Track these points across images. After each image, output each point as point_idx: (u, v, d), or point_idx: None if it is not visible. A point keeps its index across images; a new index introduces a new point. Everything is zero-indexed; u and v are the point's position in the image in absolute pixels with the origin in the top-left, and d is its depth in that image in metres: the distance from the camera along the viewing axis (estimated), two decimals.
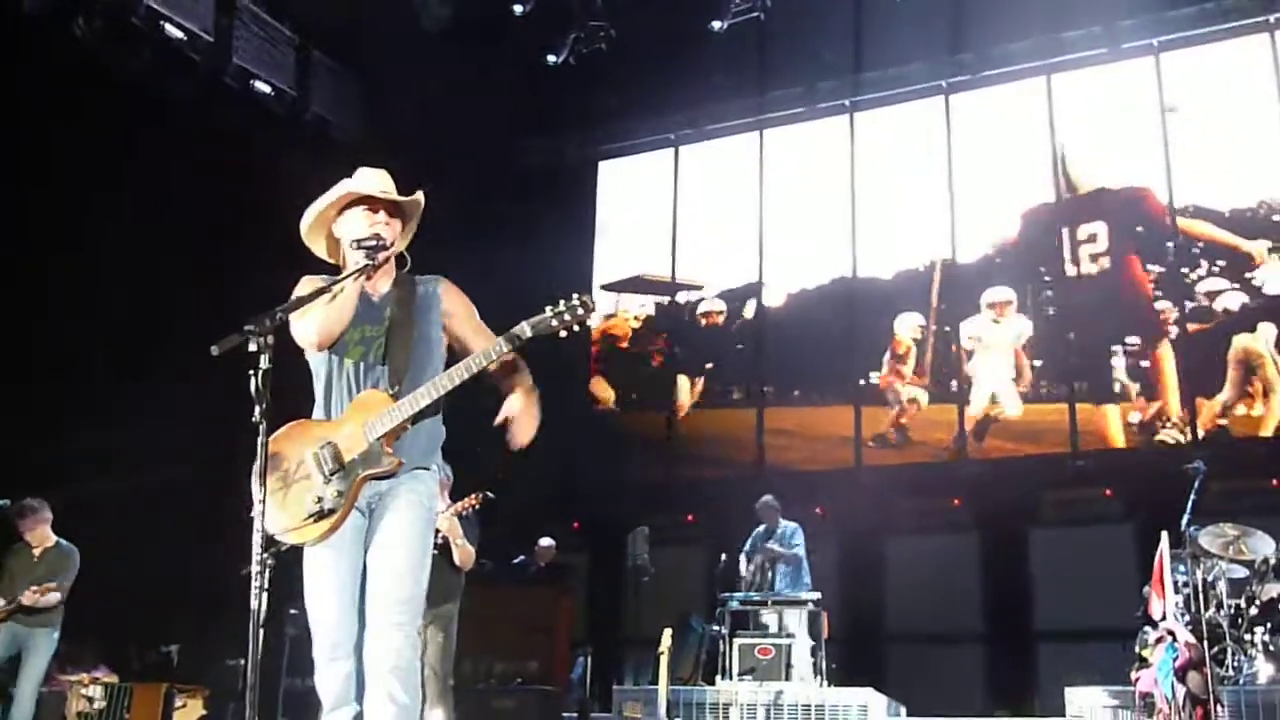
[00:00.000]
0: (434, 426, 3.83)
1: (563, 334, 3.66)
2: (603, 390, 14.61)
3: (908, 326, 13.19)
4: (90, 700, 9.32)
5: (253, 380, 3.16)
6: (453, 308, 3.91)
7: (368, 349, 3.74)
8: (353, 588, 3.66)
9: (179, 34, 11.64)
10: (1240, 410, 11.37)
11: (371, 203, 3.79)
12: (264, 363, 3.16)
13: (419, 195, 3.88)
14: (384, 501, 3.69)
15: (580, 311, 3.63)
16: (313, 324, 3.64)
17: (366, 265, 3.65)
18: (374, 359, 3.73)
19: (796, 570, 10.18)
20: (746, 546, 10.36)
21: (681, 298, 14.66)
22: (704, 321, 14.47)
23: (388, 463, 3.59)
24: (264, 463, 3.28)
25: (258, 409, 3.15)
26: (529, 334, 3.62)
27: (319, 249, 3.94)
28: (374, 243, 3.69)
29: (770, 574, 10.22)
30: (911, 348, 13.11)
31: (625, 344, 14.84)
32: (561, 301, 3.65)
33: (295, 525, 3.55)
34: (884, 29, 12.62)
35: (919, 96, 13.62)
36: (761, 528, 10.40)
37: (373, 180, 3.83)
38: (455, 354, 3.86)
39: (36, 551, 8.09)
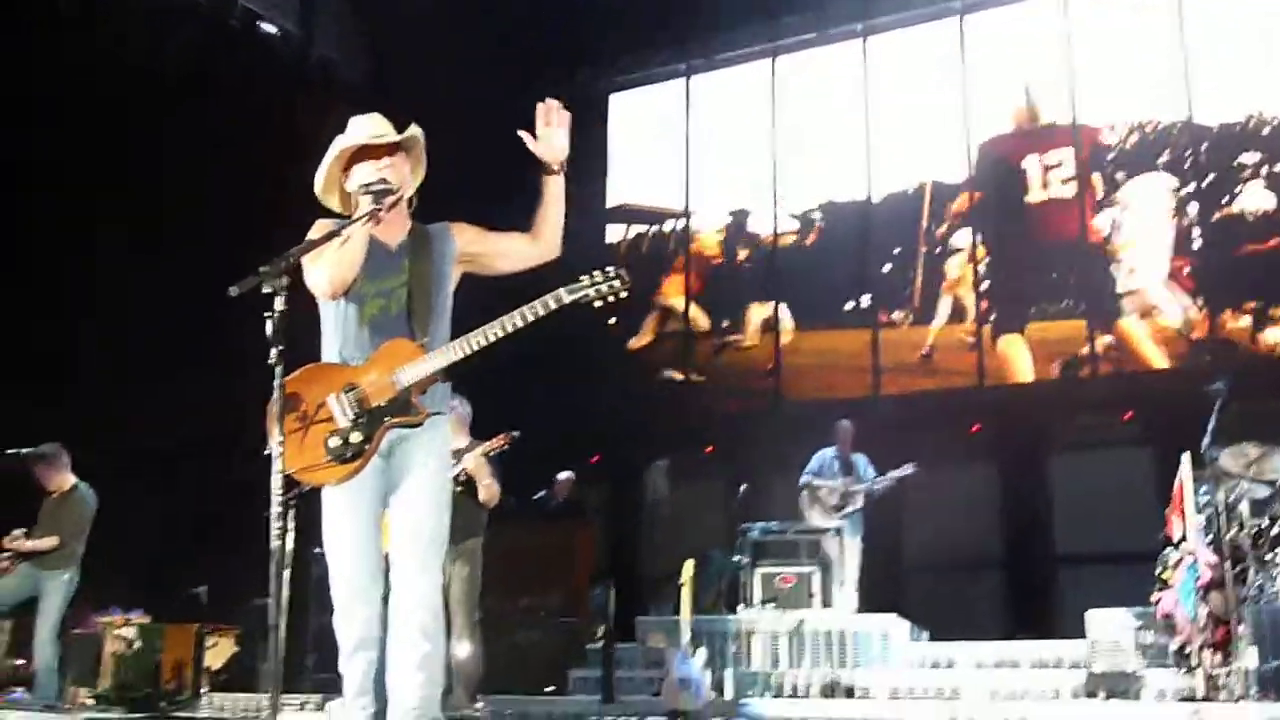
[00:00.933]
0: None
1: (597, 304, 3.71)
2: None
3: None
4: (125, 641, 9.46)
5: (268, 322, 3.17)
6: (472, 248, 3.92)
7: (387, 300, 3.73)
8: (373, 532, 3.70)
9: None
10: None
11: (373, 151, 3.76)
12: (279, 304, 3.16)
13: (415, 130, 3.84)
14: (403, 447, 3.70)
15: (616, 284, 3.69)
16: (324, 272, 3.63)
17: (375, 209, 3.61)
18: (395, 310, 3.72)
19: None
20: (815, 466, 10.34)
21: (668, 226, 14.62)
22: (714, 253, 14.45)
23: (415, 412, 3.61)
24: (282, 404, 3.28)
25: (274, 351, 3.15)
26: (565, 300, 3.66)
27: (338, 208, 3.92)
28: (380, 186, 3.66)
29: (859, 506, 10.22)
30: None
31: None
32: (599, 273, 3.69)
33: (316, 466, 3.56)
34: None
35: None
36: (832, 450, 10.35)
37: (365, 127, 3.80)
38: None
39: (54, 497, 8.19)
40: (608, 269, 3.71)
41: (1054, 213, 12.72)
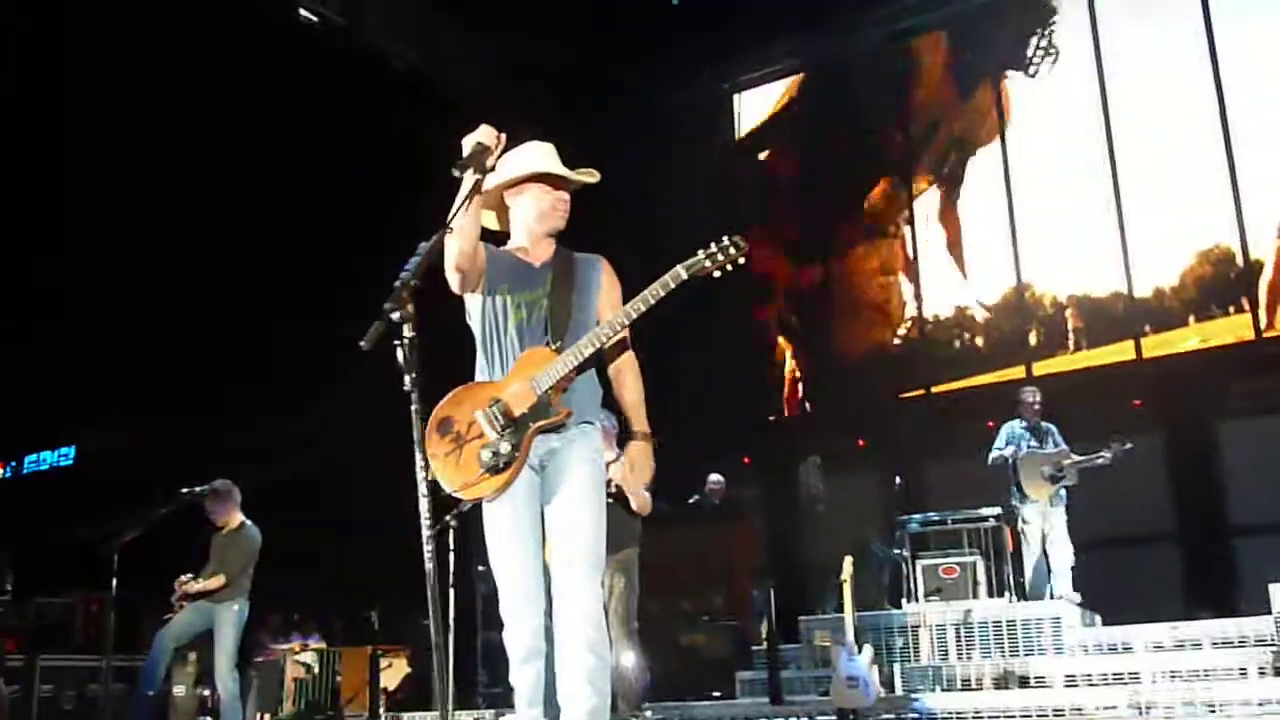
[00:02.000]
0: (593, 380, 3.89)
1: (716, 274, 3.69)
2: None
3: None
4: (305, 666, 9.81)
5: (399, 351, 3.16)
6: (608, 288, 3.96)
7: (529, 312, 3.79)
8: (534, 543, 3.75)
9: None
10: None
11: (553, 180, 3.89)
12: (408, 331, 3.15)
13: (595, 176, 3.94)
14: (556, 459, 3.76)
15: (733, 251, 3.67)
16: (449, 260, 3.68)
17: (477, 182, 3.58)
18: (535, 321, 3.79)
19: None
20: (1002, 442, 9.77)
21: None
22: None
23: (555, 413, 3.66)
24: (421, 430, 3.30)
25: (408, 378, 3.16)
26: (684, 276, 3.64)
27: (489, 220, 3.99)
28: (560, 224, 3.89)
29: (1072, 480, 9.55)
30: None
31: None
32: (713, 243, 3.68)
33: (472, 481, 3.63)
34: None
35: None
36: (1019, 422, 9.80)
37: (552, 158, 3.91)
38: None
39: (223, 533, 8.46)
40: (722, 239, 3.70)
41: None
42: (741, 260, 3.72)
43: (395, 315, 3.13)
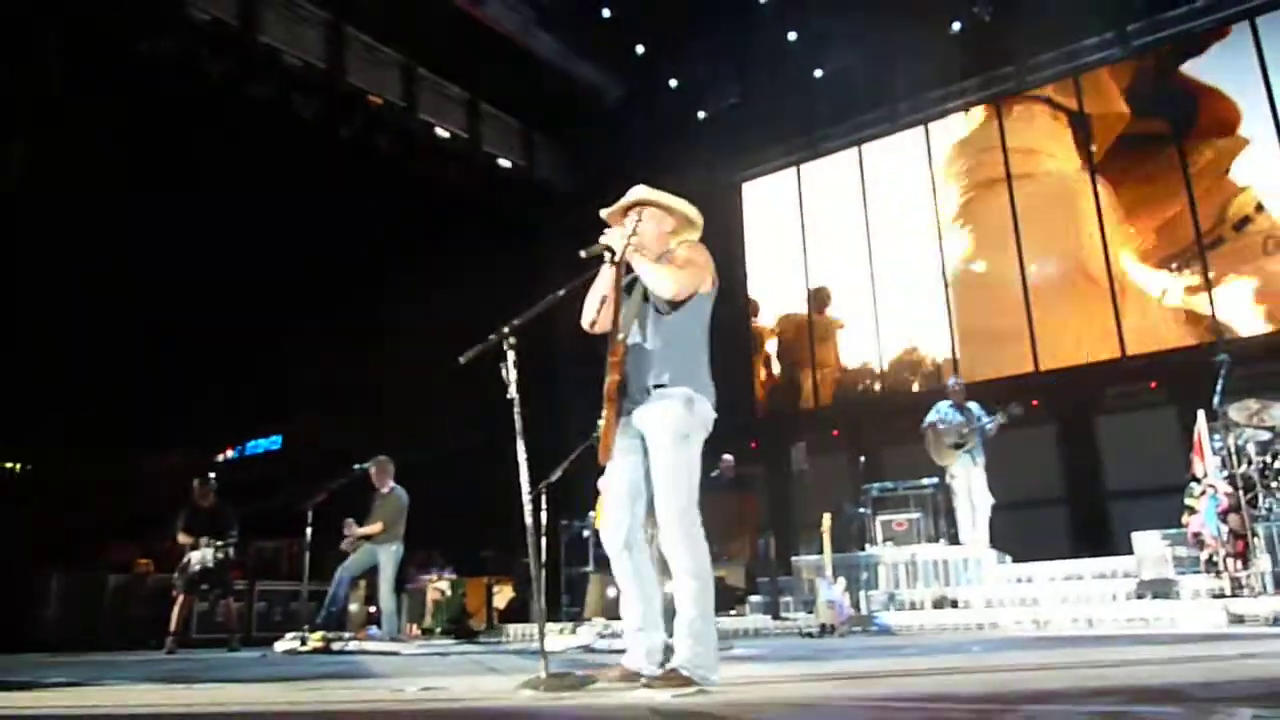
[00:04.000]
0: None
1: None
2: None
3: None
4: (440, 591, 9.91)
5: (503, 370, 3.11)
6: None
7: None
8: (626, 474, 3.27)
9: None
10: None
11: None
12: (510, 355, 3.09)
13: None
14: (640, 427, 3.29)
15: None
16: (590, 318, 3.38)
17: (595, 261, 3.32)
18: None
19: (980, 439, 9.09)
20: (933, 415, 9.24)
21: None
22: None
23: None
24: (519, 425, 3.19)
25: (511, 388, 3.12)
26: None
27: None
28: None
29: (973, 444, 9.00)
30: None
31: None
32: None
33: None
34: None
35: None
36: (947, 404, 9.24)
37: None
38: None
39: (381, 493, 8.54)
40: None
41: None
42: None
43: (504, 345, 3.10)
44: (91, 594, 9.69)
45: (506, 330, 3.11)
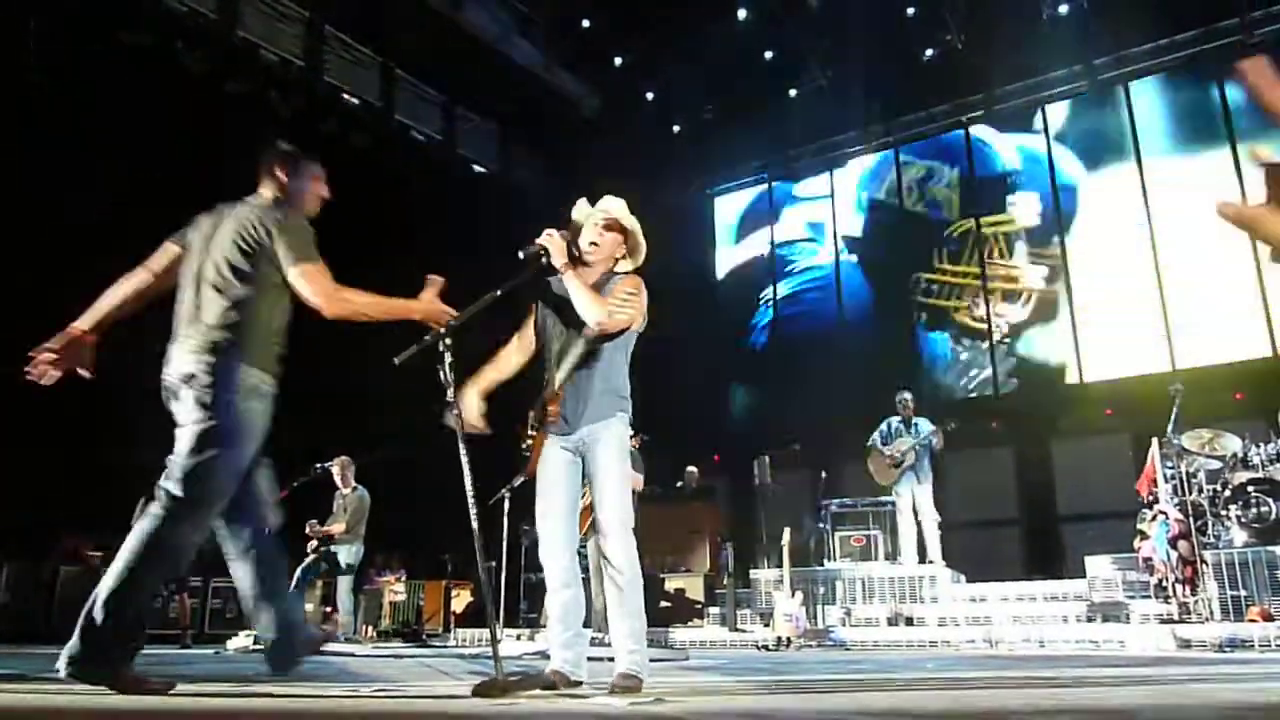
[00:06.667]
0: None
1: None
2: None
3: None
4: (397, 593, 9.80)
5: (440, 371, 3.01)
6: None
7: None
8: (566, 503, 3.30)
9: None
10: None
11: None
12: (448, 356, 2.99)
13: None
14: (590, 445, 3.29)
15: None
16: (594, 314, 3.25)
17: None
18: None
19: (926, 457, 9.01)
20: (879, 434, 9.19)
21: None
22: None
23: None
24: (461, 429, 3.09)
25: (450, 390, 3.02)
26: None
27: None
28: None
29: (911, 461, 8.90)
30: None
31: None
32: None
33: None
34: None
35: None
36: (897, 419, 9.19)
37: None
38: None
39: (343, 493, 8.44)
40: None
41: None
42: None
43: (440, 346, 3.00)
44: (42, 584, 9.44)
45: (443, 330, 3.03)
